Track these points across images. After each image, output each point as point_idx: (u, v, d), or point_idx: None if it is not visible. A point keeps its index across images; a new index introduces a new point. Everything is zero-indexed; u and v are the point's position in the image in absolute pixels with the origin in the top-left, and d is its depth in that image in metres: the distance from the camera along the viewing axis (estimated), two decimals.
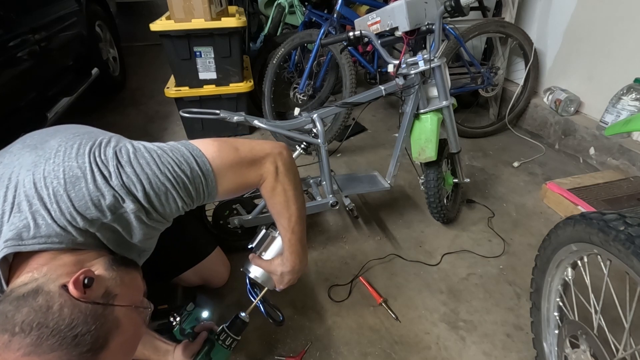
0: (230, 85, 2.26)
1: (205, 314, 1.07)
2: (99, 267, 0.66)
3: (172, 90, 2.21)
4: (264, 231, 1.03)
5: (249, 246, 1.03)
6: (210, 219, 1.47)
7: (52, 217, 0.64)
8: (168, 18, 2.09)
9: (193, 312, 1.05)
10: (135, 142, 0.75)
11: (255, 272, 1.01)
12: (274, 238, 1.02)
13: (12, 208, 0.64)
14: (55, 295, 0.57)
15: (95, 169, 0.66)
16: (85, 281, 0.59)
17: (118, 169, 0.68)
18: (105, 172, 0.67)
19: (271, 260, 1.00)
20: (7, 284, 0.62)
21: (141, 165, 0.69)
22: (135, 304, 0.66)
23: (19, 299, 0.56)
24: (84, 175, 0.65)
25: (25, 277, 0.60)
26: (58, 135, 0.73)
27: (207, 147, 0.77)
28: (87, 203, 0.65)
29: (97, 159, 0.67)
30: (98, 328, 0.57)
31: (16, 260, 0.64)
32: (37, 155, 0.69)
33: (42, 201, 0.64)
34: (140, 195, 0.68)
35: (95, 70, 2.58)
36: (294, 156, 1.41)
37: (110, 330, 0.59)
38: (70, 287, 0.58)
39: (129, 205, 0.68)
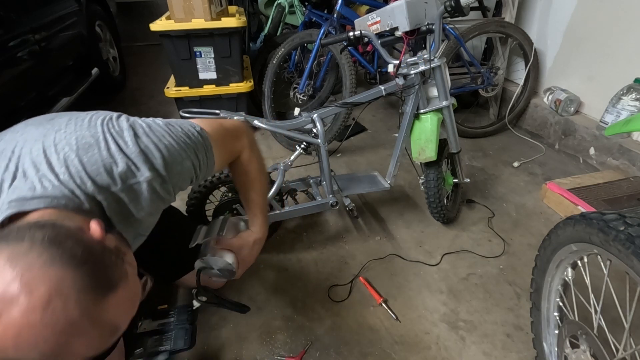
0: (230, 85, 2.25)
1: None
2: None
3: (172, 90, 2.21)
4: (220, 218, 1.04)
5: (195, 243, 0.98)
6: (210, 219, 1.47)
7: (59, 180, 0.63)
8: (168, 18, 2.08)
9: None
10: (145, 118, 0.78)
11: (215, 263, 0.99)
12: (233, 221, 1.04)
13: (14, 176, 0.63)
14: (74, 229, 0.56)
15: (109, 138, 0.68)
16: (104, 226, 0.59)
17: (135, 138, 0.70)
18: (120, 141, 0.69)
19: (238, 235, 1.02)
20: None
21: (157, 136, 0.73)
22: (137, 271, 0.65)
23: (37, 224, 0.55)
24: (97, 143, 0.67)
25: (32, 217, 0.59)
26: (65, 114, 0.74)
27: (202, 124, 0.84)
28: (99, 168, 0.65)
29: (111, 129, 0.69)
30: (111, 269, 0.56)
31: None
32: (45, 128, 0.69)
33: (51, 166, 0.64)
34: (158, 162, 0.71)
35: (95, 70, 2.58)
36: (294, 156, 1.42)
37: (120, 277, 0.57)
38: (93, 225, 0.57)
39: (144, 174, 0.69)
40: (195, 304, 1.05)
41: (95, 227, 0.57)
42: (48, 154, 0.64)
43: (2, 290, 0.47)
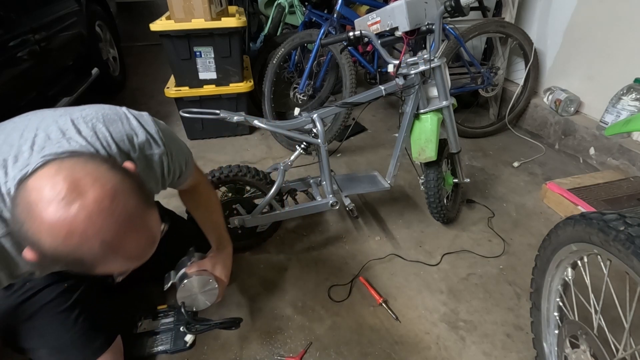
0: (230, 85, 2.26)
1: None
2: None
3: (172, 90, 2.21)
4: (185, 257, 1.13)
5: (170, 283, 1.08)
6: None
7: (87, 142, 0.71)
8: (168, 18, 2.09)
9: None
10: None
11: (196, 284, 1.06)
12: (199, 253, 1.14)
13: (33, 142, 0.67)
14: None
15: (131, 116, 0.79)
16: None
17: (154, 121, 0.83)
18: (141, 119, 0.80)
19: (208, 256, 1.12)
20: None
21: (169, 130, 0.87)
22: None
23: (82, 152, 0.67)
24: (120, 119, 0.78)
25: None
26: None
27: None
28: (122, 136, 0.76)
29: (132, 111, 0.81)
30: (148, 190, 0.65)
31: None
32: (65, 110, 0.77)
33: (79, 131, 0.71)
34: (169, 145, 0.84)
35: (95, 70, 2.58)
36: (294, 156, 1.42)
37: (153, 201, 0.66)
38: (128, 164, 0.65)
39: (160, 147, 0.81)
40: (189, 337, 1.11)
41: (129, 164, 0.65)
42: (76, 123, 0.72)
43: (76, 182, 0.55)
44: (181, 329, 1.11)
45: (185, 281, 1.03)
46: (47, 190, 0.53)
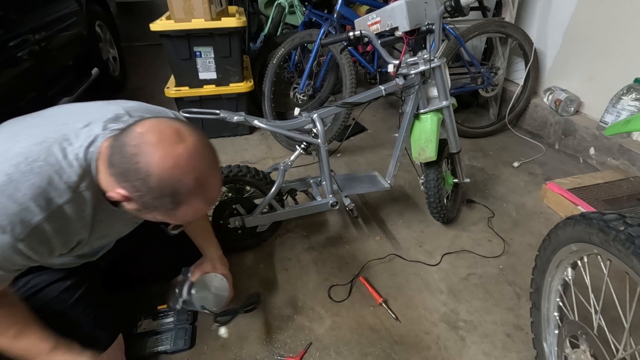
0: (230, 85, 2.26)
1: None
2: None
3: (172, 90, 2.21)
4: (180, 276, 1.13)
5: (181, 300, 1.06)
6: (210, 218, 1.46)
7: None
8: (168, 18, 2.09)
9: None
10: None
11: (209, 282, 1.10)
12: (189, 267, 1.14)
13: (90, 121, 0.78)
14: None
15: (161, 108, 0.98)
16: None
17: None
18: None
19: (204, 261, 1.13)
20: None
21: None
22: None
23: None
24: (147, 109, 0.92)
25: None
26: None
27: None
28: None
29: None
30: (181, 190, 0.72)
31: None
32: (103, 102, 0.90)
33: (130, 115, 0.83)
34: None
35: (95, 70, 2.58)
36: (294, 156, 1.42)
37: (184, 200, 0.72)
38: None
39: None
40: (224, 330, 1.12)
41: None
42: (127, 109, 0.84)
43: (177, 130, 0.70)
44: (213, 327, 1.12)
45: (195, 288, 1.06)
46: (155, 134, 0.67)
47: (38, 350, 0.84)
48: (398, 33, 1.35)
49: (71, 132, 0.75)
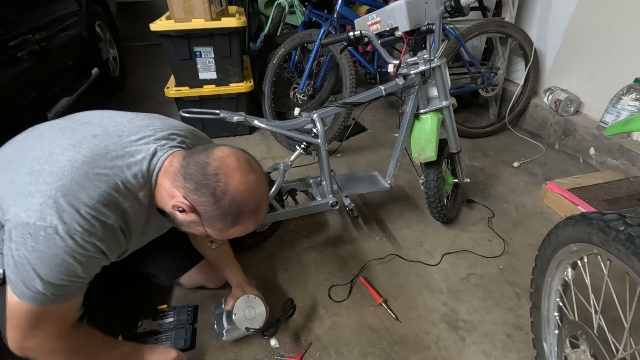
0: (230, 85, 2.26)
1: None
2: None
3: (172, 90, 2.21)
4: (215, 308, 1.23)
5: (225, 331, 1.13)
6: None
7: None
8: (168, 18, 2.09)
9: None
10: None
11: (253, 306, 1.16)
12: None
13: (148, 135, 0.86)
14: None
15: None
16: None
17: None
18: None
19: (234, 289, 1.21)
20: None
21: None
22: None
23: None
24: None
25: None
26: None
27: None
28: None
29: None
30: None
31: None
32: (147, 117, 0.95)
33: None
34: None
35: (95, 70, 2.58)
36: (294, 156, 1.42)
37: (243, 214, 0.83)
38: None
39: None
40: (274, 342, 1.18)
41: None
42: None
43: (249, 160, 0.83)
44: (264, 340, 1.18)
45: (234, 314, 1.11)
46: (234, 161, 0.79)
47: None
48: (398, 33, 1.35)
49: (129, 145, 0.82)
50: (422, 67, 1.32)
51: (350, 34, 1.35)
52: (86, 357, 0.88)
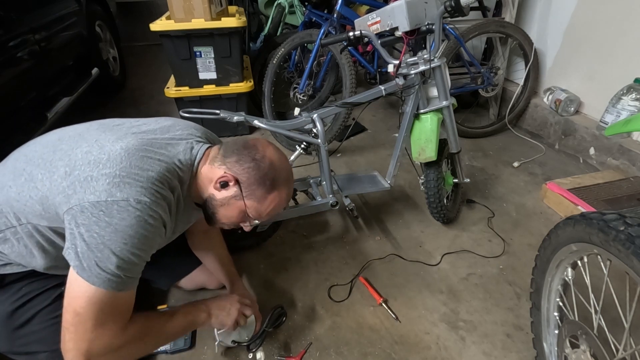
0: (230, 85, 2.26)
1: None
2: None
3: (172, 90, 2.21)
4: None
5: (218, 343, 1.10)
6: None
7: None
8: (168, 18, 2.09)
9: None
10: None
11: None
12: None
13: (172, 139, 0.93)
14: None
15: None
16: None
17: None
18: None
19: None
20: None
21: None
22: None
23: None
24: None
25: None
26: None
27: None
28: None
29: None
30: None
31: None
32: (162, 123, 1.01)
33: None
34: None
35: (95, 70, 2.58)
36: (294, 156, 1.42)
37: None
38: None
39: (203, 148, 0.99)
40: (259, 355, 1.15)
41: None
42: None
43: (276, 148, 0.95)
44: (249, 355, 1.15)
45: (219, 330, 1.08)
46: (266, 141, 0.94)
47: (197, 319, 1.00)
48: (398, 33, 1.35)
49: (166, 141, 0.90)
50: (422, 67, 1.32)
51: (350, 34, 1.35)
52: (156, 339, 0.90)
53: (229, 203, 0.90)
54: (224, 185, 0.88)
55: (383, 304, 1.31)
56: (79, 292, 0.74)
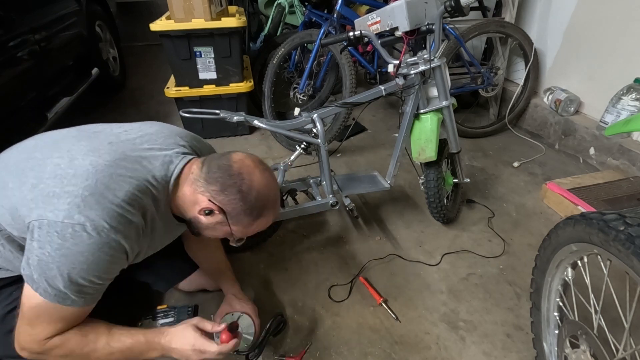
0: (230, 85, 2.26)
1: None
2: None
3: (172, 90, 2.21)
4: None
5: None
6: None
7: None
8: (168, 18, 2.09)
9: None
10: None
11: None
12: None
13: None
14: None
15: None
16: None
17: None
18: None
19: (225, 300, 1.20)
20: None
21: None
22: None
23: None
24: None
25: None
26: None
27: None
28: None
29: None
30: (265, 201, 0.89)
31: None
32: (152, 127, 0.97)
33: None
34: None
35: (95, 70, 2.58)
36: (294, 156, 1.42)
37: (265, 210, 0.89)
38: None
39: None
40: None
41: None
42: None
43: (261, 161, 0.91)
44: None
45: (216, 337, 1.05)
46: (251, 161, 0.87)
47: (152, 343, 0.91)
48: (398, 33, 1.35)
49: (144, 152, 0.86)
50: (422, 67, 1.32)
51: (350, 34, 1.35)
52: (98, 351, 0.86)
53: (214, 227, 0.88)
54: (209, 213, 0.85)
55: (383, 304, 1.31)
56: (29, 294, 0.76)
